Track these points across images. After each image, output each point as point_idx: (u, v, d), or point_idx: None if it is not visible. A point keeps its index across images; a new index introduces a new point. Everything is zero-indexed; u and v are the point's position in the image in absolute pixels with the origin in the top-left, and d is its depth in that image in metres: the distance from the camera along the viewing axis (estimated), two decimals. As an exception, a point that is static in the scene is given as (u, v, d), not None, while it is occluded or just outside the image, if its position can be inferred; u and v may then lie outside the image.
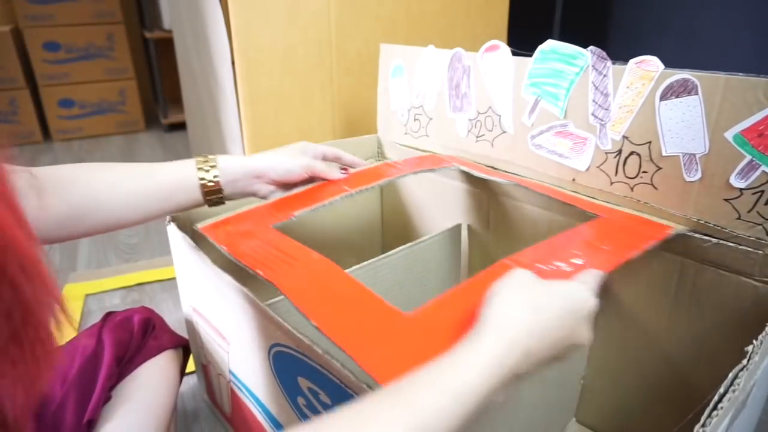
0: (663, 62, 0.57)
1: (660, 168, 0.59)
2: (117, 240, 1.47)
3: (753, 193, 0.53)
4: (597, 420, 0.77)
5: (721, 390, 0.37)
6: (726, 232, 0.55)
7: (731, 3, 1.51)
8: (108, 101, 2.42)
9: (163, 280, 1.23)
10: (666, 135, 0.58)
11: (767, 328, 0.44)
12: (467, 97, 0.78)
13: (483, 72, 0.75)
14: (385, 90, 0.92)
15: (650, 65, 0.58)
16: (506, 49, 0.72)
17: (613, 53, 0.61)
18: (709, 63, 1.58)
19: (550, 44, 0.66)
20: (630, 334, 0.68)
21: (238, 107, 1.05)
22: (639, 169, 0.61)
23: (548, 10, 1.89)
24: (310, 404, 0.49)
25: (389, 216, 1.03)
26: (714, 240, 0.56)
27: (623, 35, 1.83)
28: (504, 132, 0.74)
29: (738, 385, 0.37)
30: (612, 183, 0.64)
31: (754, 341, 0.42)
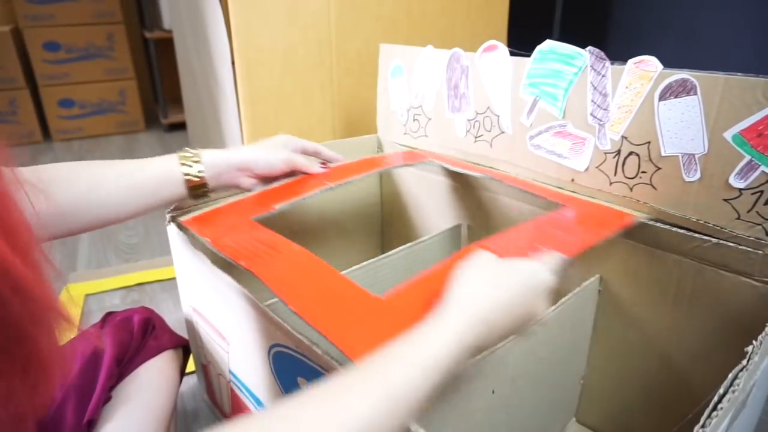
0: (663, 62, 0.57)
1: (659, 168, 0.59)
2: (117, 240, 1.48)
3: (752, 193, 0.53)
4: (597, 420, 0.77)
5: (721, 390, 0.37)
6: (725, 233, 0.55)
7: (731, 3, 1.51)
8: (108, 101, 2.42)
9: (163, 280, 1.23)
10: (665, 135, 0.58)
11: (767, 329, 0.44)
12: (466, 98, 0.78)
13: (481, 72, 0.75)
14: (385, 90, 0.92)
15: (649, 65, 0.58)
16: (504, 50, 0.72)
17: (613, 53, 0.61)
18: (709, 63, 1.58)
19: (549, 44, 0.66)
20: (630, 334, 0.68)
21: (238, 107, 1.05)
22: (638, 170, 0.61)
23: (548, 10, 1.89)
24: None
25: (389, 216, 1.03)
26: (714, 240, 0.56)
27: (623, 35, 1.83)
28: (502, 132, 0.74)
29: (738, 386, 0.37)
30: (611, 183, 0.64)
31: (754, 341, 0.42)
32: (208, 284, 0.61)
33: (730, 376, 0.39)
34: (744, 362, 0.40)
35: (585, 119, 0.65)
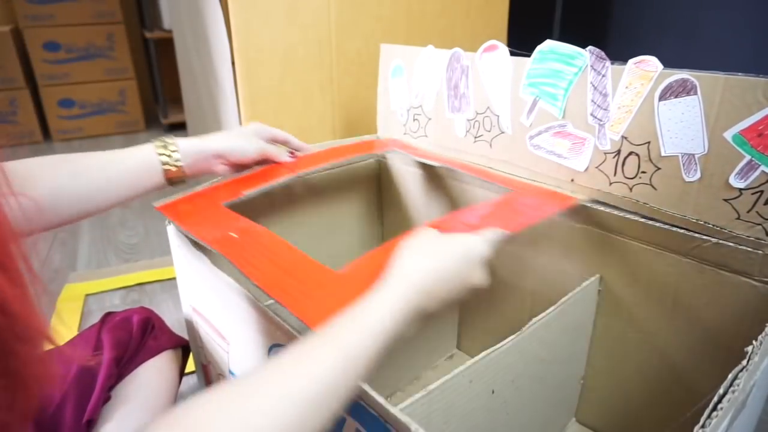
0: (663, 62, 0.57)
1: (659, 168, 0.59)
2: (117, 240, 1.48)
3: (752, 193, 0.53)
4: (597, 420, 0.77)
5: (721, 390, 0.37)
6: (725, 233, 0.55)
7: (731, 3, 1.51)
8: (108, 101, 2.42)
9: (163, 280, 1.23)
10: (665, 135, 0.58)
11: (767, 328, 0.44)
12: (465, 98, 0.78)
13: (481, 72, 0.75)
14: (385, 90, 0.92)
15: (649, 65, 0.58)
16: (504, 50, 0.72)
17: (613, 53, 0.61)
18: (709, 63, 1.58)
19: (549, 44, 0.66)
20: (630, 334, 0.68)
21: (238, 107, 1.05)
22: (638, 170, 0.61)
23: (548, 10, 1.89)
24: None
25: (389, 215, 1.03)
26: (713, 240, 0.56)
27: (623, 35, 1.83)
28: (502, 132, 0.74)
29: (738, 386, 0.37)
30: (611, 183, 0.64)
31: (754, 341, 0.42)
32: (208, 284, 0.61)
33: (730, 377, 0.39)
34: (744, 362, 0.40)
35: (585, 119, 0.65)
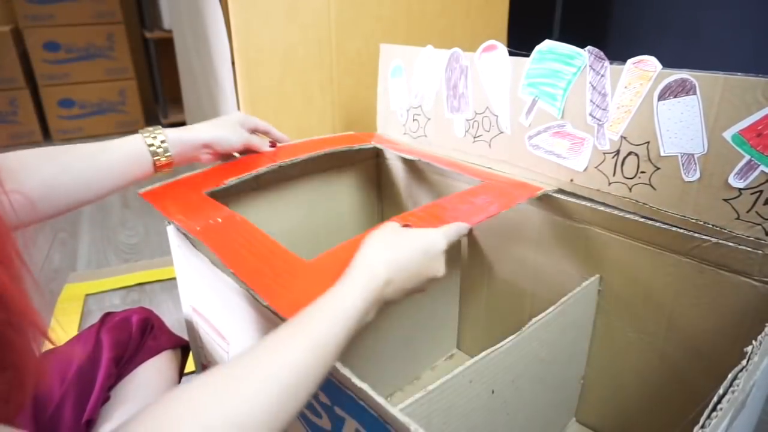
0: (662, 62, 0.57)
1: (658, 168, 0.59)
2: (117, 240, 1.48)
3: (752, 193, 0.53)
4: (597, 420, 0.77)
5: (721, 391, 0.37)
6: (725, 233, 0.55)
7: (731, 3, 1.50)
8: (108, 101, 2.42)
9: (163, 280, 1.23)
10: (664, 135, 0.58)
11: (767, 329, 0.44)
12: (465, 98, 0.78)
13: (480, 72, 0.75)
14: (385, 90, 0.92)
15: (648, 65, 0.58)
16: (503, 50, 0.72)
17: (613, 53, 0.61)
18: (709, 63, 1.58)
19: (548, 44, 0.66)
20: (630, 334, 0.68)
21: (238, 107, 1.05)
22: (637, 170, 0.61)
23: (548, 10, 1.90)
24: (309, 404, 0.49)
25: (387, 208, 1.03)
26: (713, 240, 0.56)
27: (623, 35, 1.83)
28: (501, 132, 0.74)
29: (737, 386, 0.37)
30: (610, 183, 0.64)
31: (754, 341, 0.42)
32: (208, 284, 0.61)
33: (730, 377, 0.39)
34: (744, 362, 0.40)
35: (584, 119, 0.64)
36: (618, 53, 0.61)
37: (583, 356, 0.73)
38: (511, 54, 0.71)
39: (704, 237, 0.56)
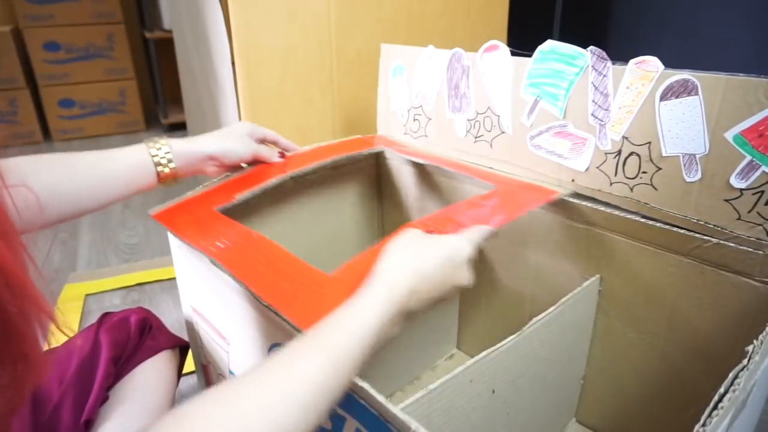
0: (663, 62, 0.57)
1: (660, 168, 0.59)
2: (117, 240, 1.48)
3: (753, 194, 0.53)
4: (597, 420, 0.77)
5: (721, 390, 0.37)
6: (726, 233, 0.55)
7: (731, 3, 1.50)
8: (108, 101, 2.42)
9: (163, 280, 1.23)
10: (666, 135, 0.58)
11: (767, 328, 0.44)
12: (466, 98, 0.78)
13: (482, 72, 0.75)
14: (385, 90, 0.92)
15: (650, 65, 0.58)
16: (505, 49, 0.72)
17: (613, 53, 0.61)
18: (709, 63, 1.58)
19: (550, 44, 0.66)
20: (630, 334, 0.68)
21: (238, 107, 1.05)
22: (639, 170, 0.61)
23: (548, 10, 1.89)
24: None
25: (390, 215, 1.03)
26: (714, 240, 0.56)
27: (623, 35, 1.83)
28: (503, 132, 0.74)
29: (738, 385, 0.37)
30: (611, 183, 0.64)
31: (755, 341, 0.42)
32: (208, 284, 0.61)
33: (731, 376, 0.39)
34: (744, 362, 0.40)
35: (586, 119, 0.64)
36: (618, 53, 0.61)
37: (584, 356, 0.73)
38: (513, 54, 0.71)
39: (705, 237, 0.56)
